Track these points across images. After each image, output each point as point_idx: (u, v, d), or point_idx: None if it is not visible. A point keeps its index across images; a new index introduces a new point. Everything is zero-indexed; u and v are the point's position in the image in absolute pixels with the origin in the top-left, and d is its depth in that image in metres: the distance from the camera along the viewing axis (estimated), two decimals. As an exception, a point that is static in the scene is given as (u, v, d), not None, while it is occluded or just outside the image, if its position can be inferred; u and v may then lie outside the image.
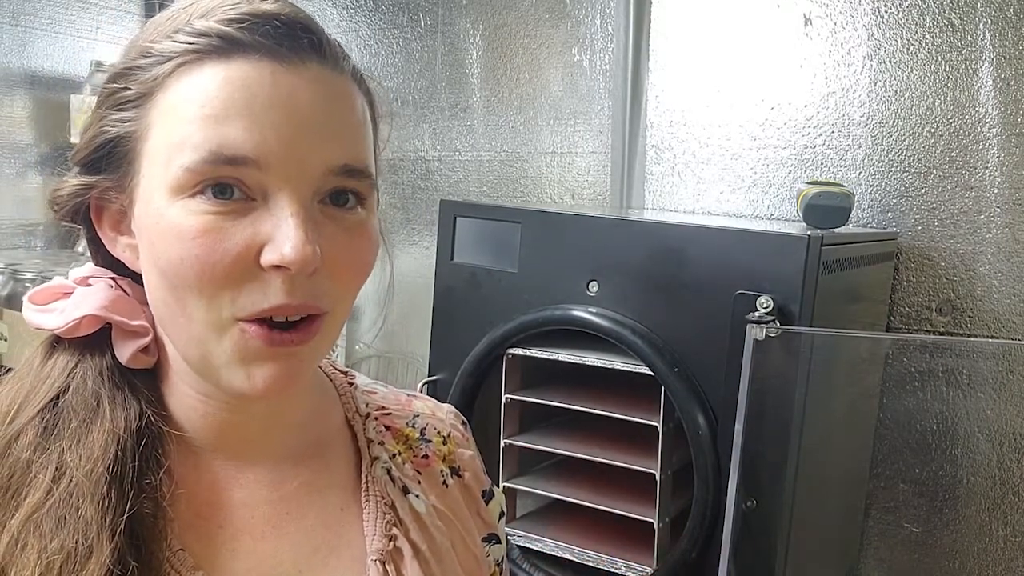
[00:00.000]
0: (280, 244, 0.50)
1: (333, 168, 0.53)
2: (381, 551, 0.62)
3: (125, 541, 0.51)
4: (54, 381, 0.56)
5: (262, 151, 0.50)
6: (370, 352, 1.85)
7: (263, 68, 0.52)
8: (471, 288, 1.14)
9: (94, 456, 0.53)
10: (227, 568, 0.57)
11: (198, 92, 0.51)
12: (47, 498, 0.51)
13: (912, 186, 1.28)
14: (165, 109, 0.53)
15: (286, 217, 0.51)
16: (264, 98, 0.51)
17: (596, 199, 1.56)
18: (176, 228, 0.51)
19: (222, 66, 0.52)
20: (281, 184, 0.51)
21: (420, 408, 0.74)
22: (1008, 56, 1.20)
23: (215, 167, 0.50)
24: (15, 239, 1.91)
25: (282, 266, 0.50)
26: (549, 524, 1.15)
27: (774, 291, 0.91)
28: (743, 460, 0.89)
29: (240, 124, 0.50)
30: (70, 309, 0.58)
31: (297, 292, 0.52)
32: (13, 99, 1.91)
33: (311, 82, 0.53)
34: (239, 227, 0.51)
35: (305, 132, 0.52)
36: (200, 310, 0.52)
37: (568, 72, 1.57)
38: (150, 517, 0.53)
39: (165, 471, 0.56)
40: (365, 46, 1.78)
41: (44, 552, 0.49)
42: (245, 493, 0.60)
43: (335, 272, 0.54)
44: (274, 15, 0.53)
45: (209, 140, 0.50)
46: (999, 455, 1.21)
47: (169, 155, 0.51)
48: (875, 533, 1.28)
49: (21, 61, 1.90)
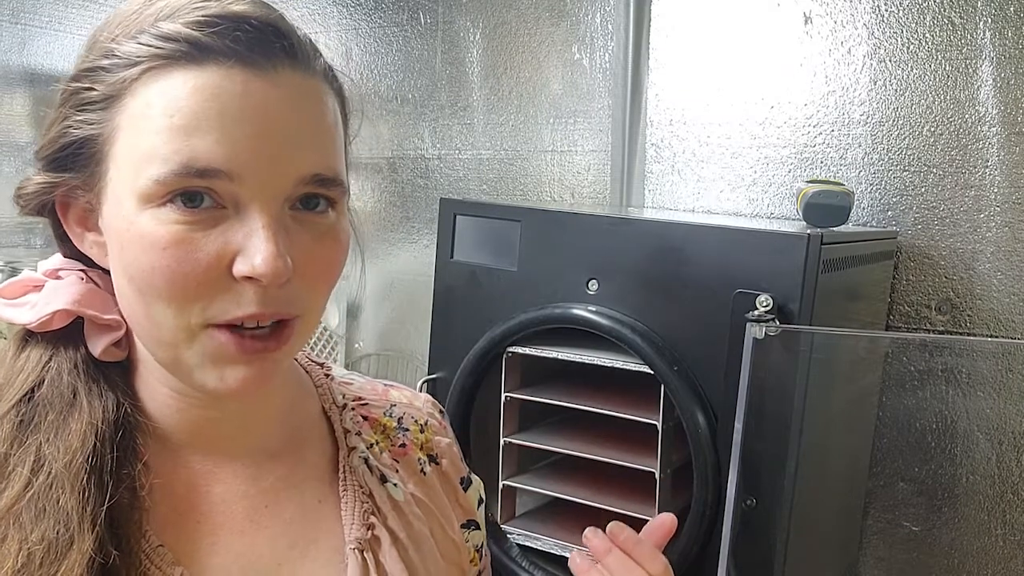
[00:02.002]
0: (252, 256, 0.50)
1: (304, 178, 0.53)
2: (359, 540, 0.62)
3: (106, 531, 0.51)
4: (28, 375, 0.56)
5: (234, 163, 0.50)
6: (369, 351, 1.85)
7: (234, 76, 0.50)
8: (471, 286, 1.14)
9: (73, 447, 0.53)
10: (207, 563, 0.57)
11: (167, 100, 0.50)
12: (26, 490, 0.51)
13: (912, 185, 1.28)
14: (133, 115, 0.51)
15: (257, 229, 0.50)
16: (235, 108, 0.50)
17: (596, 197, 1.56)
18: (146, 237, 0.50)
19: (192, 73, 0.50)
20: (253, 195, 0.51)
21: (397, 397, 0.74)
22: (1008, 55, 1.20)
23: (185, 179, 0.50)
24: (14, 237, 1.91)
25: (254, 278, 0.50)
26: (549, 522, 1.15)
27: (774, 290, 0.91)
28: (742, 459, 0.89)
29: (211, 136, 0.49)
30: (42, 304, 0.58)
31: (269, 301, 0.52)
32: (13, 97, 1.91)
33: (283, 88, 0.52)
34: (210, 237, 0.51)
35: (277, 142, 0.51)
36: (169, 317, 0.52)
37: (568, 70, 1.56)
38: (128, 508, 0.54)
39: (143, 463, 0.56)
40: (365, 44, 1.78)
41: (25, 543, 0.50)
42: (223, 488, 0.60)
43: (306, 277, 0.54)
44: (245, 18, 0.51)
45: (179, 152, 0.49)
46: (998, 454, 1.21)
47: (138, 164, 0.51)
48: (874, 532, 1.28)
49: (21, 59, 1.90)
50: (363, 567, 0.62)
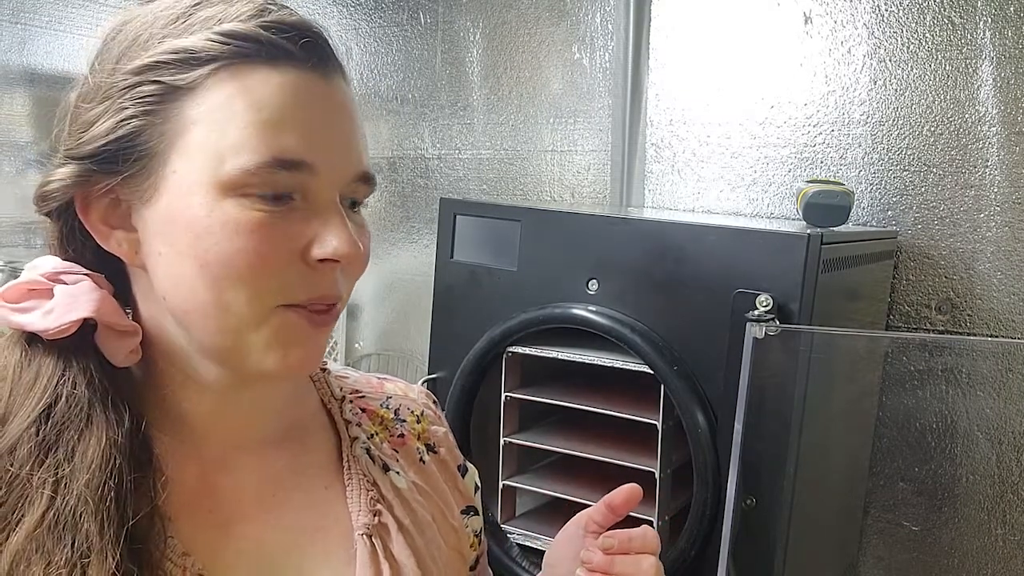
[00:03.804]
0: (330, 240, 0.55)
1: (359, 174, 0.58)
2: (368, 526, 0.64)
3: (126, 547, 0.52)
4: (44, 389, 0.55)
5: (314, 157, 0.55)
6: (369, 351, 1.85)
7: (308, 78, 0.56)
8: (471, 286, 1.14)
9: (92, 466, 0.53)
10: (218, 552, 0.58)
11: (252, 96, 0.54)
12: (48, 513, 0.51)
13: (912, 184, 1.28)
14: (211, 107, 0.54)
15: (333, 216, 0.56)
16: (315, 108, 0.56)
17: (596, 197, 1.56)
18: (231, 223, 0.53)
19: (273, 72, 0.54)
20: (324, 186, 0.56)
21: (392, 390, 0.77)
22: (1008, 55, 1.20)
23: (273, 170, 0.53)
24: (15, 236, 1.91)
25: (332, 259, 0.55)
26: (549, 522, 1.15)
27: (774, 289, 0.91)
28: (742, 458, 0.89)
29: (297, 131, 0.54)
30: (60, 311, 0.56)
31: (335, 284, 0.57)
32: (13, 97, 1.91)
33: (340, 94, 0.58)
34: (288, 224, 0.55)
35: (343, 141, 0.57)
36: (241, 302, 0.54)
37: (568, 70, 1.56)
38: (146, 518, 0.54)
39: (156, 468, 0.56)
40: (365, 44, 1.78)
41: (49, 568, 0.50)
42: (232, 478, 0.61)
43: (351, 267, 0.59)
44: (307, 27, 0.57)
45: (269, 146, 0.53)
46: (998, 454, 1.21)
47: (221, 155, 0.53)
48: (874, 531, 1.28)
49: (21, 59, 1.90)
50: (372, 552, 0.63)
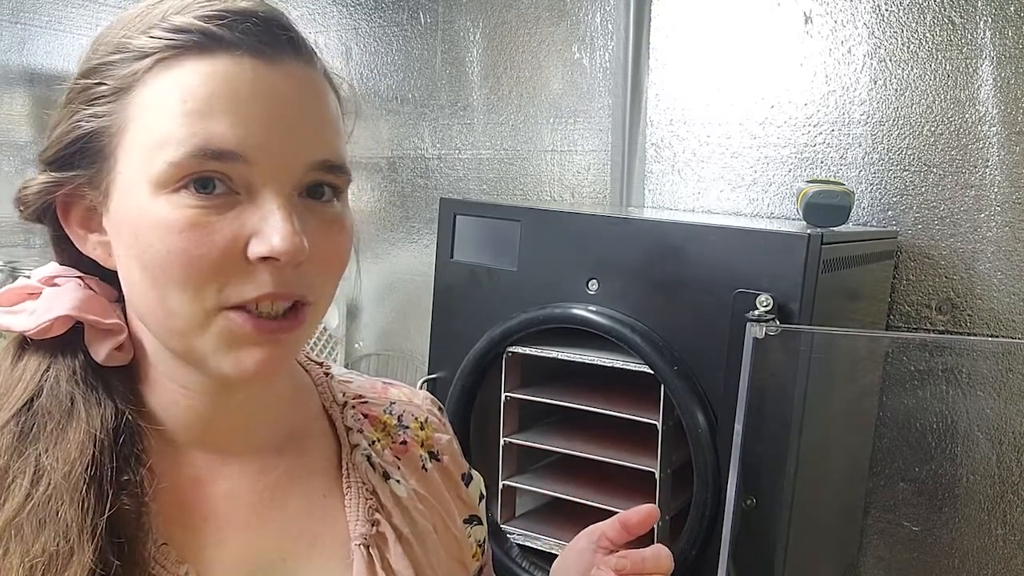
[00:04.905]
0: (268, 236, 0.51)
1: (314, 163, 0.54)
2: (365, 535, 0.63)
3: (106, 540, 0.51)
4: (27, 384, 0.56)
5: (247, 145, 0.51)
6: (369, 351, 1.85)
7: (244, 64, 0.52)
8: (471, 286, 1.14)
9: (71, 458, 0.53)
10: (213, 559, 0.58)
11: (180, 87, 0.52)
12: (26, 502, 0.51)
13: (912, 184, 1.27)
14: (145, 104, 0.53)
15: (272, 210, 0.52)
16: (247, 94, 0.52)
17: (596, 197, 1.56)
18: (162, 222, 0.51)
19: (204, 62, 0.52)
20: (266, 178, 0.52)
21: (396, 395, 0.75)
22: (1008, 54, 1.20)
23: (201, 161, 0.51)
24: (14, 237, 1.91)
25: (271, 257, 0.51)
26: (549, 522, 1.15)
27: (774, 289, 0.91)
28: (742, 458, 0.89)
29: (225, 120, 0.51)
30: (41, 311, 0.57)
31: (284, 282, 0.53)
32: (12, 97, 1.91)
33: (290, 77, 0.54)
34: (225, 220, 0.52)
35: (288, 127, 0.53)
36: (183, 304, 0.52)
37: (568, 70, 1.56)
38: (132, 515, 0.54)
39: (146, 468, 0.56)
40: (365, 44, 1.78)
41: (26, 556, 0.50)
42: (228, 485, 0.61)
43: (316, 263, 0.55)
44: (252, 12, 0.54)
45: (194, 135, 0.51)
46: (998, 454, 1.21)
47: (152, 150, 0.52)
48: (874, 531, 1.28)
49: (20, 58, 1.90)
50: (369, 562, 0.62)
